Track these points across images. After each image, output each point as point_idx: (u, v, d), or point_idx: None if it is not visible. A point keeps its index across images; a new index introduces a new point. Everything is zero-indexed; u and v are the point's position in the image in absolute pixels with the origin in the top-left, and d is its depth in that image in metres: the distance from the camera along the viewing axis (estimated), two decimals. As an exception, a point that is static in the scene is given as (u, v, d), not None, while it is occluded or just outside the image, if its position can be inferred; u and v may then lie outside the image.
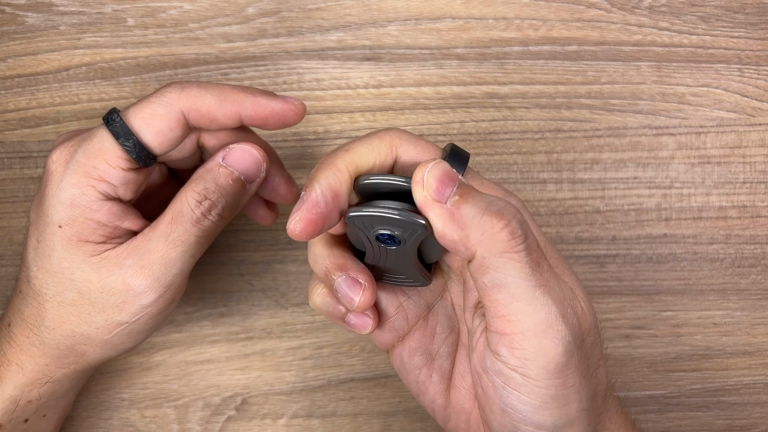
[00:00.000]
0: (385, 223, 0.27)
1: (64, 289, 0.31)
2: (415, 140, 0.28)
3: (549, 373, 0.25)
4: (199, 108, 0.31)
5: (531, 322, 0.25)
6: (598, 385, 0.27)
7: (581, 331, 0.26)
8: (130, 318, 0.31)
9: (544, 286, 0.25)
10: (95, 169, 0.30)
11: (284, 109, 0.31)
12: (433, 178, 0.25)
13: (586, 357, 0.26)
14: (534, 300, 0.25)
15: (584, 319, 0.26)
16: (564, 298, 0.25)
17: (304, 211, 0.26)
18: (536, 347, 0.25)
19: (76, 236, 0.30)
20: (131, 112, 0.30)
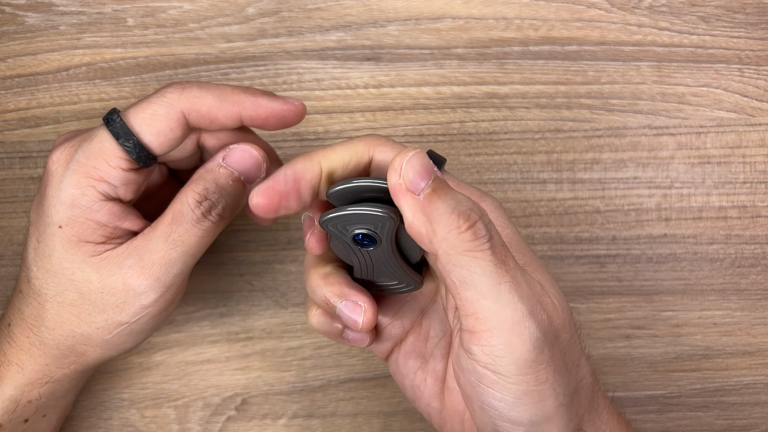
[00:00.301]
0: (355, 220, 0.28)
1: (64, 290, 0.31)
2: (393, 143, 0.29)
3: (519, 369, 0.25)
4: (200, 108, 0.31)
5: (498, 319, 0.25)
6: (580, 382, 0.28)
7: (553, 327, 0.26)
8: (130, 318, 0.31)
9: (510, 282, 0.25)
10: (95, 170, 0.30)
11: (284, 110, 0.31)
12: (410, 167, 0.26)
13: (561, 353, 0.26)
14: (500, 297, 0.25)
15: (556, 315, 0.26)
16: (532, 294, 0.26)
17: (264, 184, 0.28)
18: (504, 344, 0.25)
19: (76, 236, 0.30)
20: (131, 113, 0.30)
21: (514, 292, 0.25)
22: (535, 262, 0.28)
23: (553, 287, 0.28)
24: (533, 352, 0.25)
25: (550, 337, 0.26)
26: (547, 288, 0.27)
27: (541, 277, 0.27)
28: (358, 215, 0.27)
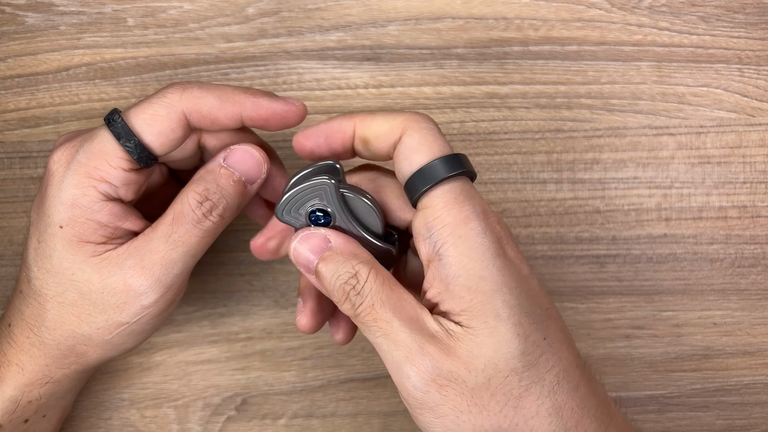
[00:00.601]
0: (300, 199, 0.30)
1: (64, 290, 0.31)
2: (429, 130, 0.30)
3: (414, 406, 0.28)
4: (201, 109, 0.31)
5: (386, 362, 0.28)
6: (513, 425, 0.27)
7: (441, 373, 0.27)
8: (130, 318, 0.31)
9: (382, 337, 0.28)
10: (96, 170, 0.30)
11: (285, 110, 0.31)
12: (296, 254, 0.30)
13: (467, 396, 0.27)
14: (380, 348, 0.28)
15: (456, 360, 0.27)
16: (411, 342, 0.27)
17: (306, 130, 0.31)
18: (397, 383, 0.28)
19: (77, 237, 0.30)
20: (132, 113, 0.30)
21: (389, 342, 0.27)
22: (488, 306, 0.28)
23: (492, 333, 0.27)
24: (417, 392, 0.27)
25: (438, 379, 0.27)
26: (472, 333, 0.27)
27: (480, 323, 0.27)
28: (301, 191, 0.30)
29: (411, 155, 0.29)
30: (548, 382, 0.27)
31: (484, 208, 0.29)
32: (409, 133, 0.29)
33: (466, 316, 0.27)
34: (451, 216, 0.28)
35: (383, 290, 0.28)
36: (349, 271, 0.28)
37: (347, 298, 0.28)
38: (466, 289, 0.27)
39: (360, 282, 0.28)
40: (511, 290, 0.28)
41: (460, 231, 0.28)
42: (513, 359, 0.27)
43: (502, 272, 0.28)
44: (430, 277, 0.28)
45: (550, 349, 0.28)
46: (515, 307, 0.27)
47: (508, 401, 0.27)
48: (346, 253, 0.29)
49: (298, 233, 0.30)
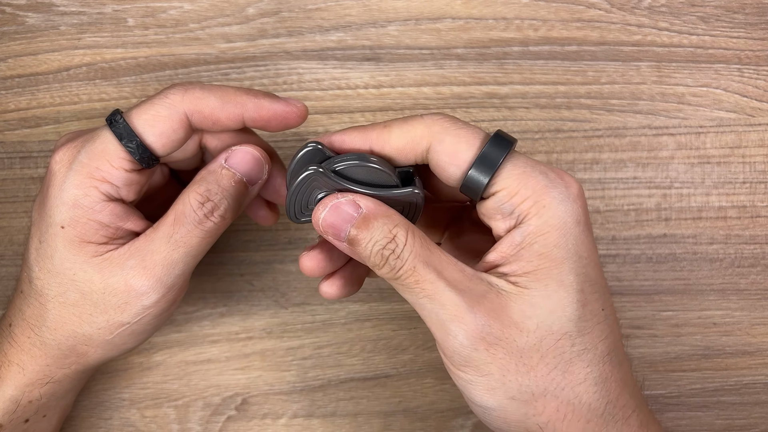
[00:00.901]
0: (298, 197, 0.29)
1: (65, 290, 0.31)
2: (456, 129, 0.29)
3: (458, 362, 0.28)
4: (202, 110, 0.31)
5: (428, 321, 0.28)
6: (559, 389, 0.28)
7: (491, 331, 0.27)
8: (131, 318, 0.31)
9: (427, 297, 0.27)
10: (98, 170, 0.30)
11: (286, 111, 0.31)
12: (326, 224, 0.28)
13: (515, 355, 0.27)
14: (423, 308, 0.28)
15: (506, 320, 0.27)
16: (461, 301, 0.27)
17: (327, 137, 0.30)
18: (440, 340, 0.28)
19: (78, 237, 0.30)
20: (134, 114, 0.30)
21: (434, 302, 0.27)
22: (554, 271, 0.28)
23: (550, 296, 0.27)
24: (463, 350, 0.27)
25: (488, 338, 0.27)
26: (528, 294, 0.27)
27: (540, 285, 0.27)
28: (297, 191, 0.29)
29: (455, 158, 0.29)
30: (600, 352, 0.28)
31: (551, 169, 0.29)
32: (438, 138, 0.29)
33: (526, 278, 0.27)
34: (530, 188, 0.28)
35: (423, 251, 0.28)
36: (386, 236, 0.28)
37: (386, 262, 0.28)
38: (537, 255, 0.28)
39: (399, 245, 0.27)
40: (582, 259, 0.28)
41: (543, 200, 0.28)
42: (568, 323, 0.27)
43: (578, 240, 0.28)
44: (502, 243, 0.28)
45: (606, 321, 0.28)
46: (581, 275, 0.28)
47: (558, 365, 0.27)
48: (379, 216, 0.28)
49: (325, 202, 0.29)
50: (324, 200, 0.29)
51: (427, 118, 0.29)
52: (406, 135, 0.29)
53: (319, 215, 0.28)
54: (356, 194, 0.28)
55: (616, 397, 0.28)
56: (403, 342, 0.41)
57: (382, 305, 0.41)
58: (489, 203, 0.29)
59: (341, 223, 0.28)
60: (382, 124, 0.30)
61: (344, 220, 0.28)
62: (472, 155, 0.28)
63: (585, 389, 0.28)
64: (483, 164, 0.28)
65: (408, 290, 0.28)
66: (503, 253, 0.28)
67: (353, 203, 0.28)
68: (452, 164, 0.29)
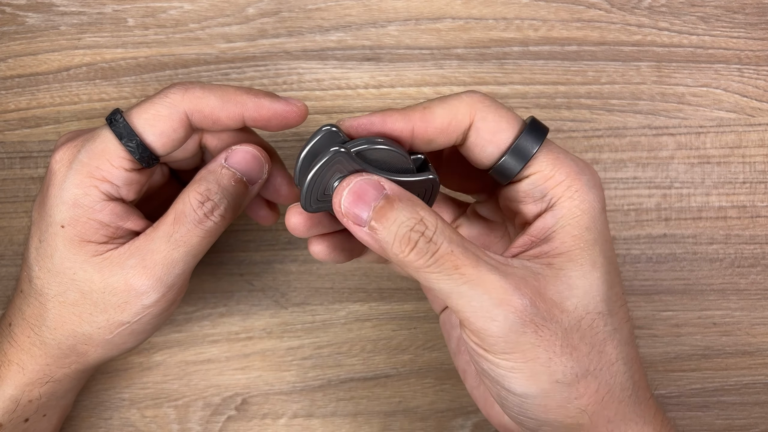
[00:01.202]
0: (317, 183, 0.28)
1: (65, 289, 0.31)
2: (496, 107, 0.29)
3: (502, 348, 0.26)
4: (203, 109, 0.31)
5: (468, 311, 0.26)
6: (598, 369, 0.28)
7: (538, 311, 0.26)
8: (131, 318, 0.31)
9: (468, 283, 0.26)
10: (98, 170, 0.30)
11: (286, 111, 0.31)
12: (348, 203, 0.27)
13: (561, 335, 0.27)
14: (462, 296, 0.26)
15: (549, 300, 0.27)
16: (506, 284, 0.26)
17: (356, 120, 0.29)
18: (480, 329, 0.26)
19: (78, 236, 0.30)
20: (134, 113, 0.30)
21: (477, 287, 0.26)
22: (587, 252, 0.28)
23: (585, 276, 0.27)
24: (511, 335, 0.26)
25: (536, 319, 0.26)
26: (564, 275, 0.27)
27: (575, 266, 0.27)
28: (317, 175, 0.27)
29: (495, 137, 0.28)
30: (625, 333, 0.28)
31: (579, 158, 0.29)
32: (481, 116, 0.28)
33: (561, 259, 0.27)
34: (563, 173, 0.28)
35: (456, 237, 0.26)
36: (413, 217, 0.26)
37: (414, 246, 0.26)
38: (570, 236, 0.28)
39: (429, 227, 0.26)
40: (607, 243, 0.28)
41: (575, 185, 0.28)
42: (601, 302, 0.27)
43: (603, 225, 0.29)
44: (533, 227, 0.28)
45: (625, 305, 0.29)
46: (608, 257, 0.28)
47: (595, 344, 0.27)
48: (404, 198, 0.27)
49: (348, 181, 0.27)
50: (347, 179, 0.27)
51: (466, 97, 0.29)
52: (449, 114, 0.28)
53: (341, 194, 0.27)
54: (380, 176, 0.27)
55: (639, 378, 0.29)
56: (403, 342, 0.41)
57: (382, 305, 0.41)
58: (521, 186, 0.29)
59: (364, 203, 0.27)
60: (421, 106, 0.29)
61: (367, 200, 0.27)
62: (511, 136, 0.28)
63: (617, 369, 0.28)
64: (522, 147, 0.28)
65: (444, 278, 0.26)
66: (534, 236, 0.28)
67: (377, 183, 0.27)
68: (492, 143, 0.28)
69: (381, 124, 0.28)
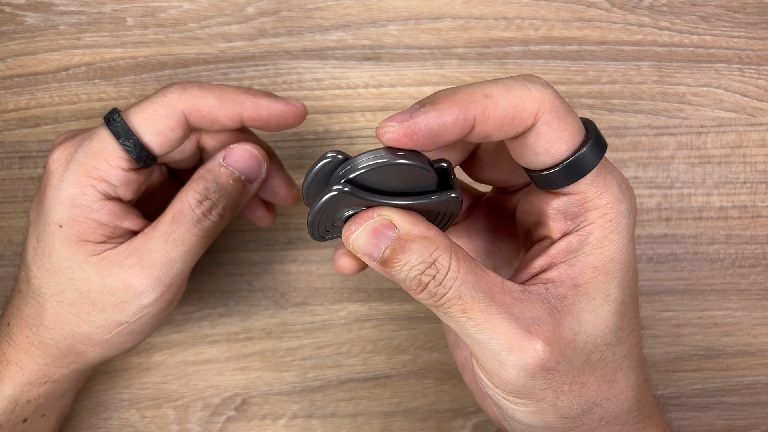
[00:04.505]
0: (324, 216, 0.26)
1: (63, 289, 0.31)
2: (565, 112, 0.25)
3: (510, 390, 0.26)
4: (201, 109, 0.31)
5: (479, 354, 0.26)
6: (605, 400, 0.27)
7: (551, 355, 0.25)
8: (130, 318, 0.31)
9: (479, 326, 0.25)
10: (95, 169, 0.30)
11: (285, 111, 0.31)
12: (358, 244, 0.26)
13: (570, 375, 0.26)
14: (472, 338, 0.26)
15: (562, 341, 0.26)
16: (517, 328, 0.25)
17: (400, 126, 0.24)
18: (491, 371, 0.26)
19: (76, 236, 0.30)
20: (132, 112, 0.30)
21: (485, 332, 0.25)
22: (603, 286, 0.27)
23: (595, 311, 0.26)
24: (519, 380, 0.25)
25: (547, 364, 0.25)
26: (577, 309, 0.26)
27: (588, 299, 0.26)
28: (321, 210, 0.25)
29: (554, 146, 0.25)
30: (635, 357, 0.28)
31: (622, 177, 0.27)
32: (546, 119, 0.24)
33: (575, 292, 0.26)
34: (605, 200, 0.26)
35: (469, 276, 0.25)
36: (425, 260, 0.25)
37: (425, 288, 0.25)
38: (591, 268, 0.26)
39: (441, 271, 0.25)
40: (629, 272, 0.27)
41: (611, 214, 0.26)
42: (609, 334, 0.27)
43: (630, 254, 0.27)
44: (555, 247, 0.27)
45: (638, 328, 0.28)
46: (626, 288, 0.27)
47: (605, 376, 0.27)
48: (417, 238, 0.25)
49: (356, 219, 0.26)
50: (354, 218, 0.26)
51: (536, 90, 0.24)
52: (514, 108, 0.24)
53: (350, 237, 0.26)
54: (389, 208, 0.25)
55: (647, 398, 0.29)
56: (403, 342, 0.41)
57: (382, 305, 0.41)
58: (557, 201, 0.27)
59: (374, 245, 0.25)
60: (481, 92, 0.24)
61: (377, 241, 0.25)
62: (570, 150, 0.25)
63: (626, 397, 0.28)
64: (579, 165, 0.25)
65: (452, 319, 0.25)
66: (554, 258, 0.27)
67: (388, 223, 0.25)
68: (548, 153, 0.25)
69: (438, 123, 0.24)
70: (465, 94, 0.24)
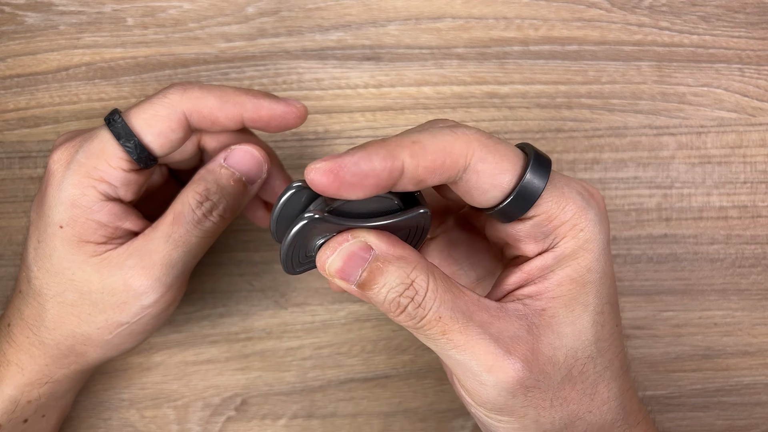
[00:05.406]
0: (296, 248, 0.25)
1: (64, 290, 0.31)
2: (496, 146, 0.25)
3: (491, 408, 0.26)
4: (201, 110, 0.31)
5: (458, 373, 0.26)
6: (587, 413, 0.27)
7: (531, 373, 0.26)
8: (130, 318, 0.31)
9: (457, 348, 0.25)
10: (96, 170, 0.30)
11: (286, 112, 0.31)
12: (334, 270, 0.25)
13: (551, 391, 0.26)
14: (450, 359, 0.26)
15: (541, 359, 0.26)
16: (495, 349, 0.25)
17: (326, 163, 0.23)
18: (472, 390, 0.26)
19: (77, 237, 0.30)
20: (133, 113, 0.30)
21: (464, 353, 0.25)
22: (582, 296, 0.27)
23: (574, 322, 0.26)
24: (500, 399, 0.26)
25: (527, 382, 0.25)
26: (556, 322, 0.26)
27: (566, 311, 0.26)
28: (292, 242, 0.25)
29: (496, 179, 0.25)
30: (617, 367, 0.28)
31: (584, 187, 0.28)
32: (480, 156, 0.25)
33: (554, 304, 0.26)
34: (569, 212, 0.26)
35: (447, 297, 0.25)
36: (403, 282, 0.25)
37: (404, 311, 0.25)
38: (569, 280, 0.26)
39: (420, 292, 0.25)
40: (607, 280, 0.27)
41: (581, 223, 0.26)
42: (589, 346, 0.27)
43: (607, 263, 0.27)
44: (531, 265, 0.27)
45: (620, 336, 0.28)
46: (604, 297, 0.27)
47: (586, 389, 0.27)
48: (393, 260, 0.25)
49: (330, 243, 0.25)
50: (328, 243, 0.25)
51: (461, 133, 0.25)
52: (442, 152, 0.24)
53: (325, 262, 0.25)
54: (363, 230, 0.25)
55: (631, 406, 0.29)
56: (403, 342, 0.41)
57: (382, 305, 0.41)
58: (523, 227, 0.27)
59: (351, 268, 0.25)
60: (409, 139, 0.24)
61: (354, 264, 0.25)
62: (515, 177, 0.25)
63: (609, 407, 0.28)
64: (528, 189, 0.25)
65: (432, 341, 0.25)
66: (530, 274, 0.27)
67: (364, 246, 0.25)
68: (494, 186, 0.25)
69: (366, 163, 0.24)
70: (393, 139, 0.24)
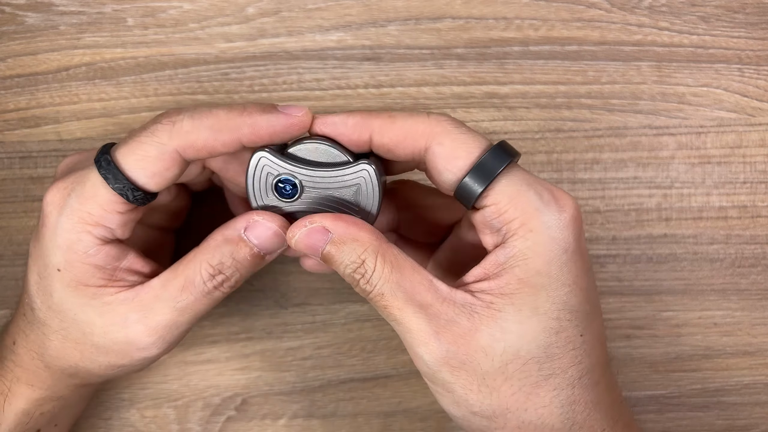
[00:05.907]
0: (257, 184, 0.30)
1: (68, 326, 0.31)
2: (456, 132, 0.28)
3: (431, 379, 0.29)
4: (194, 144, 0.28)
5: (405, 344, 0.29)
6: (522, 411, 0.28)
7: (456, 355, 0.28)
8: (132, 363, 0.31)
9: (395, 321, 0.28)
10: (90, 215, 0.29)
11: (286, 125, 0.29)
12: (301, 247, 0.29)
13: (480, 376, 0.28)
14: (394, 329, 0.29)
15: (472, 345, 0.28)
16: (438, 325, 0.28)
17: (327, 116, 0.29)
18: (414, 356, 0.29)
19: (75, 280, 0.30)
20: (122, 154, 0.29)
21: (400, 327, 0.28)
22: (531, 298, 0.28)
23: (521, 322, 0.27)
24: (429, 370, 0.28)
25: (452, 362, 0.28)
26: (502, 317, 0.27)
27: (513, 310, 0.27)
28: (253, 177, 0.30)
29: (450, 163, 0.28)
30: (570, 376, 0.28)
31: (550, 191, 0.28)
32: (438, 140, 0.28)
33: (503, 300, 0.27)
34: (519, 209, 0.28)
35: (392, 277, 0.28)
36: (355, 261, 0.28)
37: (357, 284, 0.28)
38: (517, 279, 0.27)
39: (368, 271, 0.28)
40: (563, 286, 0.28)
41: (530, 224, 0.27)
42: (536, 349, 0.27)
43: (563, 269, 0.28)
44: (487, 260, 0.28)
45: (583, 347, 0.28)
46: (559, 303, 0.28)
47: (523, 387, 0.27)
48: (348, 241, 0.28)
49: (298, 225, 0.29)
50: (295, 224, 0.29)
51: (432, 117, 0.29)
52: (408, 129, 0.28)
53: (293, 239, 0.29)
54: (323, 216, 0.29)
55: (584, 419, 0.28)
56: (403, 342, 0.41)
57: (382, 305, 0.41)
58: (479, 216, 0.29)
59: (314, 246, 0.29)
60: (387, 114, 0.29)
61: (317, 243, 0.29)
62: (469, 163, 0.28)
63: (549, 412, 0.28)
64: (478, 174, 0.28)
65: (380, 311, 0.29)
66: (487, 270, 0.28)
67: (322, 230, 0.29)
68: (447, 169, 0.28)
69: (342, 124, 0.29)
70: (375, 111, 0.29)
